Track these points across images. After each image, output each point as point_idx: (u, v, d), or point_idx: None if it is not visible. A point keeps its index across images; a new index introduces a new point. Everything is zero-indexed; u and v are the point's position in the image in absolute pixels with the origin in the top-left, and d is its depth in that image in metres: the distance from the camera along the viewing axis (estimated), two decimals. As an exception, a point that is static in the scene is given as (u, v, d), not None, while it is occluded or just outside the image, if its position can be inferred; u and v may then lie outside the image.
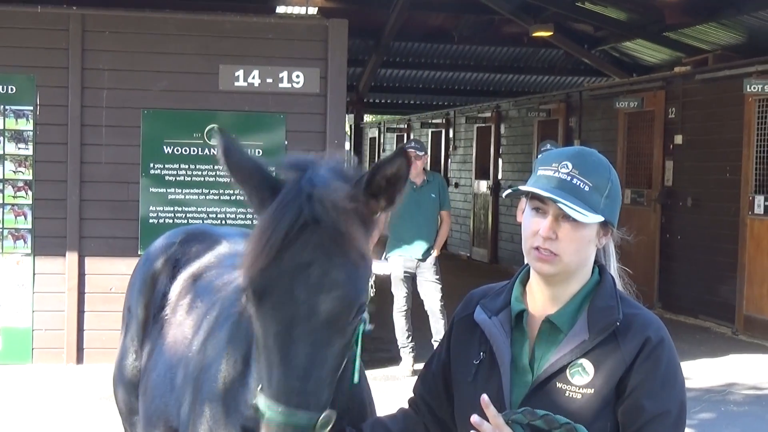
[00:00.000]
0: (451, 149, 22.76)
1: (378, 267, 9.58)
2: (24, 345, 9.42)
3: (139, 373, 3.84)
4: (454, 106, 23.82)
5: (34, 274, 9.45)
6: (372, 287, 8.68)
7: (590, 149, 2.55)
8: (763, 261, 11.86)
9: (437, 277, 9.62)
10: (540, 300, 2.52)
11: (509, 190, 2.56)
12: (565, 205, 2.36)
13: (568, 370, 2.41)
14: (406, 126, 26.31)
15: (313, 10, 16.39)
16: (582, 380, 2.40)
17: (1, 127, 9.40)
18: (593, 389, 2.38)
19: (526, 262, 2.55)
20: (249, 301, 2.33)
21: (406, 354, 9.61)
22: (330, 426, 2.28)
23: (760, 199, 11.98)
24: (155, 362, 3.53)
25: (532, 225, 2.45)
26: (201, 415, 2.94)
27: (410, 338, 9.59)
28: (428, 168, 10.26)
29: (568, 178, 2.41)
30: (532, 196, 2.44)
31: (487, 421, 2.34)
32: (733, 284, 12.34)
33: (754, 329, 12.02)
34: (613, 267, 2.62)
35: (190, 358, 3.18)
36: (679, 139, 13.83)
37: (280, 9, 16.15)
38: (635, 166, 14.98)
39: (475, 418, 2.33)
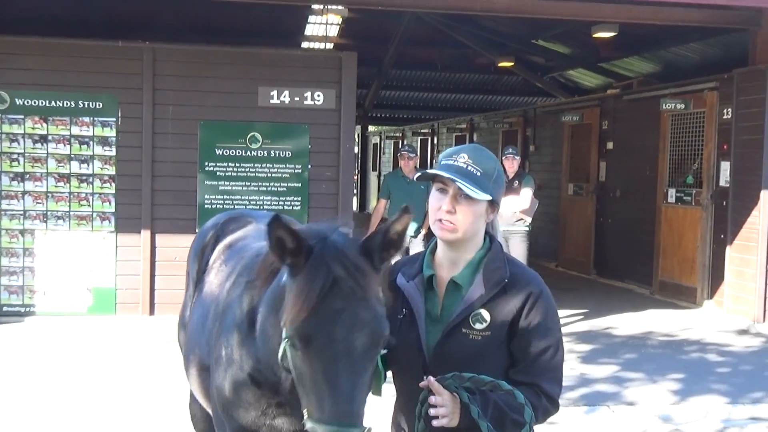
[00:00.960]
0: (435, 153, 22.74)
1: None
2: (109, 301, 9.45)
3: None
4: (438, 120, 23.77)
5: (116, 246, 9.46)
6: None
7: (482, 146, 2.57)
8: (674, 238, 11.88)
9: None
10: (445, 265, 2.52)
11: (419, 173, 2.57)
12: (463, 184, 2.39)
13: (470, 318, 2.41)
14: (401, 135, 26.26)
15: (330, 46, 16.37)
16: (481, 326, 2.41)
17: (92, 134, 9.40)
18: (490, 332, 2.40)
19: (433, 236, 2.55)
20: (295, 346, 2.21)
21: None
22: None
23: (672, 192, 11.99)
24: (193, 311, 3.55)
25: (436, 202, 2.47)
26: (220, 341, 2.94)
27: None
28: (418, 166, 10.23)
29: (465, 166, 2.43)
30: (437, 179, 2.46)
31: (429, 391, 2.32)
32: (651, 256, 12.36)
33: (666, 291, 12.05)
34: (499, 236, 2.63)
35: (217, 302, 3.17)
36: (610, 145, 13.82)
37: (305, 44, 16.11)
38: (576, 165, 14.96)
39: (431, 398, 2.29)
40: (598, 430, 6.22)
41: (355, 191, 25.91)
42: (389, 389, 2.57)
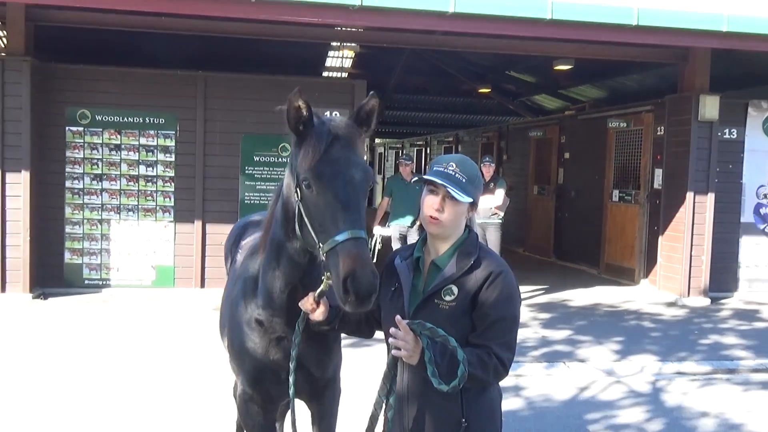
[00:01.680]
0: (428, 160, 22.70)
1: (384, 231, 9.61)
2: (169, 276, 9.47)
3: None
4: (430, 134, 23.72)
5: (175, 233, 9.47)
6: (380, 243, 8.56)
7: (466, 157, 2.53)
8: (617, 230, 11.86)
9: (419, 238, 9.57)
10: (432, 251, 2.51)
11: (416, 178, 2.56)
12: (452, 189, 2.36)
13: (442, 292, 2.38)
14: (401, 146, 26.24)
15: (344, 75, 16.32)
16: (450, 298, 2.37)
17: (155, 144, 9.40)
18: (456, 303, 2.36)
19: (424, 230, 2.54)
20: (309, 183, 2.36)
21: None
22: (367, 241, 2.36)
23: (615, 192, 11.97)
24: (224, 290, 3.57)
25: (427, 201, 2.44)
26: (234, 305, 2.97)
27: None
28: (414, 171, 10.21)
29: (453, 173, 2.40)
30: (430, 182, 2.44)
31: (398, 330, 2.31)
32: (599, 243, 12.34)
33: (611, 271, 12.03)
34: (476, 227, 2.61)
35: (235, 279, 3.18)
36: (567, 155, 13.80)
37: (325, 73, 16.08)
38: (540, 171, 14.93)
39: (392, 330, 2.30)
40: (556, 382, 6.22)
41: (364, 190, 25.92)
42: (382, 360, 2.57)
